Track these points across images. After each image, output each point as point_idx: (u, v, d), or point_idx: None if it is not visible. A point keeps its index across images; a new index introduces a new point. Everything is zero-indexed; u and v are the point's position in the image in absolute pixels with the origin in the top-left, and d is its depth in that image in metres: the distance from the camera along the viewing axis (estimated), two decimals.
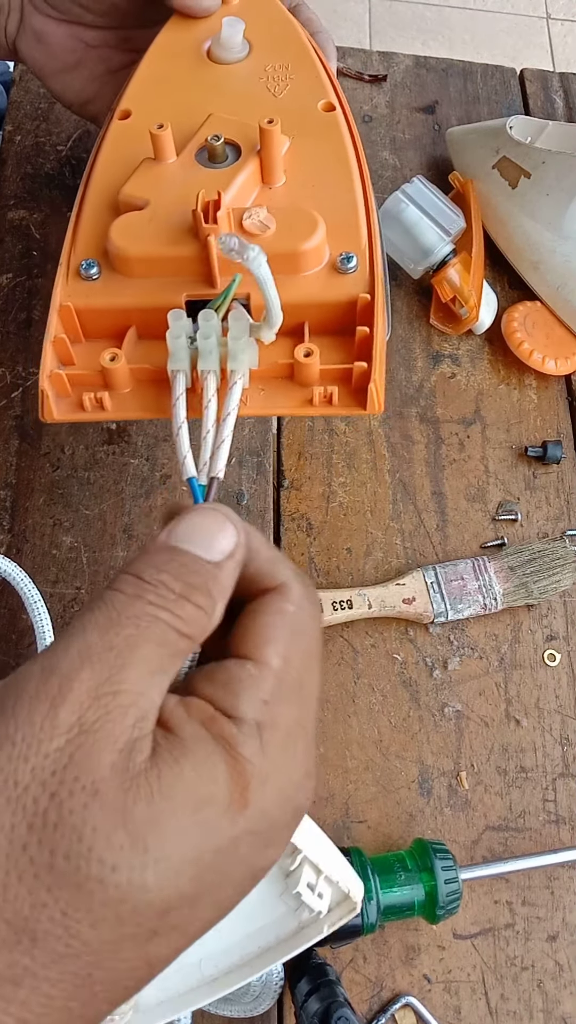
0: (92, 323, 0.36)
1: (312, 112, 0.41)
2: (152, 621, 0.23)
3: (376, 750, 0.47)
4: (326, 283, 0.35)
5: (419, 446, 0.55)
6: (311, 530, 0.52)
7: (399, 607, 0.49)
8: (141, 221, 0.36)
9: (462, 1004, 0.43)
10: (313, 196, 0.38)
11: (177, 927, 0.22)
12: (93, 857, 0.20)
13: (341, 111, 0.41)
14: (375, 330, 0.34)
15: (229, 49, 0.42)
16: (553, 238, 0.55)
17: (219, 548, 0.26)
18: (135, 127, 0.40)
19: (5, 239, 0.57)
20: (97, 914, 0.20)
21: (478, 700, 0.49)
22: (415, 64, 0.68)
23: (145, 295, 0.35)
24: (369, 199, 0.38)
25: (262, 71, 0.42)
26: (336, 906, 0.35)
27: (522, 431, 0.56)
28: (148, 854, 0.21)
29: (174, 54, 0.43)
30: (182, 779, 0.22)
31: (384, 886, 0.41)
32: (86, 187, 0.39)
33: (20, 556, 0.49)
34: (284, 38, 0.43)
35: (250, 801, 0.23)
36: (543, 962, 0.44)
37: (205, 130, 0.38)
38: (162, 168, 0.37)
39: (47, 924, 0.20)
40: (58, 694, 0.21)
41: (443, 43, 1.81)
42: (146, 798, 0.21)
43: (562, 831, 0.47)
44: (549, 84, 0.69)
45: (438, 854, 0.42)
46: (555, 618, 0.51)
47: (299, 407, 0.34)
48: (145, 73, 0.42)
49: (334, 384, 0.35)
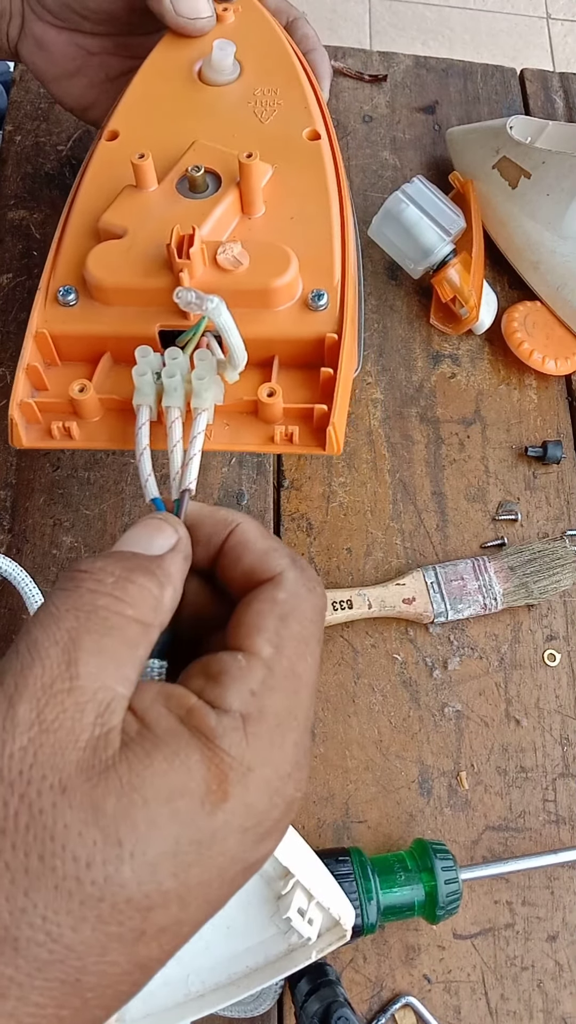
0: (68, 348, 0.37)
1: (297, 140, 0.41)
2: (92, 610, 0.23)
3: (376, 750, 0.47)
4: (296, 319, 0.36)
5: (419, 446, 0.55)
6: (311, 530, 0.52)
7: (399, 607, 0.49)
8: (118, 251, 0.36)
9: (462, 1004, 0.43)
10: (291, 229, 0.38)
11: (166, 928, 0.22)
12: (67, 855, 0.20)
13: (327, 139, 0.41)
14: (339, 371, 0.35)
15: (219, 71, 0.42)
16: (553, 238, 0.55)
17: (158, 544, 0.26)
18: (122, 149, 0.40)
19: (5, 239, 0.57)
20: (77, 915, 0.20)
21: (478, 700, 0.49)
22: (415, 64, 0.68)
23: (120, 323, 0.36)
24: (347, 233, 0.39)
25: (251, 95, 0.42)
26: (326, 932, 0.35)
27: (522, 431, 0.56)
28: (123, 847, 0.20)
29: (165, 73, 0.43)
30: (152, 770, 0.21)
31: (384, 886, 0.41)
32: (69, 210, 0.39)
33: (20, 556, 0.49)
34: (275, 61, 0.43)
35: (230, 794, 0.22)
36: (543, 962, 0.44)
37: (188, 158, 0.38)
38: (143, 197, 0.37)
39: (28, 930, 0.19)
40: (15, 692, 0.21)
41: (443, 43, 1.81)
42: (116, 792, 0.21)
43: (562, 831, 0.47)
44: (549, 84, 0.69)
45: (438, 854, 0.42)
46: (555, 618, 0.51)
47: (261, 444, 0.35)
48: (135, 93, 0.42)
49: (295, 423, 0.35)
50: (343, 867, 0.41)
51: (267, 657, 0.24)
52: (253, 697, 0.24)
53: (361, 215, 0.61)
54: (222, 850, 0.22)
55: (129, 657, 0.23)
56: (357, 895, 0.40)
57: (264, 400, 0.34)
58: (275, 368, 0.36)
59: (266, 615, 0.25)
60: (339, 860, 0.41)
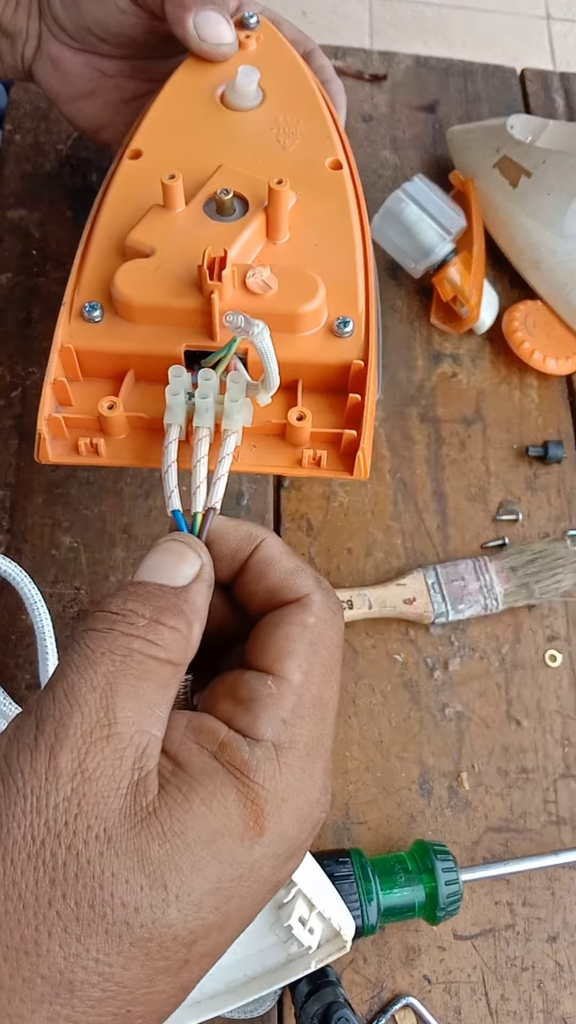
0: (92, 364, 0.37)
1: (319, 169, 0.41)
2: (127, 654, 0.23)
3: (376, 751, 0.47)
4: (322, 345, 0.36)
5: (420, 446, 0.55)
6: (311, 530, 0.52)
7: (400, 607, 0.49)
8: (146, 269, 0.36)
9: (462, 1005, 0.43)
10: (315, 256, 0.38)
11: (207, 953, 0.22)
12: (116, 902, 0.20)
13: (348, 169, 0.42)
14: (366, 398, 0.35)
15: (243, 97, 0.43)
16: (554, 237, 0.55)
17: (183, 574, 0.26)
18: (145, 168, 0.40)
19: (5, 239, 0.57)
20: (128, 955, 0.21)
21: (479, 701, 0.49)
22: (415, 64, 0.68)
23: (146, 342, 0.36)
24: (368, 261, 0.39)
25: (273, 122, 0.43)
26: (326, 942, 0.35)
27: (523, 431, 0.56)
28: (168, 891, 0.21)
29: (188, 96, 0.43)
30: (192, 814, 0.22)
31: (385, 887, 0.41)
32: (93, 226, 0.39)
33: (20, 556, 0.49)
34: (297, 90, 0.44)
35: (266, 828, 0.23)
36: (543, 963, 0.44)
37: (215, 181, 0.39)
38: (170, 217, 0.37)
39: (82, 973, 0.20)
40: (55, 742, 0.22)
41: (443, 43, 1.81)
42: (159, 838, 0.21)
43: (563, 832, 0.47)
44: (549, 84, 0.69)
45: (439, 855, 0.42)
46: (556, 619, 0.51)
47: (289, 467, 0.35)
48: (158, 113, 0.43)
49: (323, 447, 0.35)
50: (343, 868, 0.40)
51: (297, 684, 0.25)
52: (285, 726, 0.24)
53: None
54: (257, 878, 0.23)
55: (163, 698, 0.24)
56: (357, 896, 0.40)
57: (294, 423, 0.34)
58: (299, 393, 0.36)
59: (296, 640, 0.26)
60: (339, 861, 0.41)
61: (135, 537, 0.50)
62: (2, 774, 0.21)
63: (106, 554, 0.49)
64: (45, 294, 0.56)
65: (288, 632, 0.26)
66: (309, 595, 0.27)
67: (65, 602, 0.48)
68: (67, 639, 0.47)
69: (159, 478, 0.51)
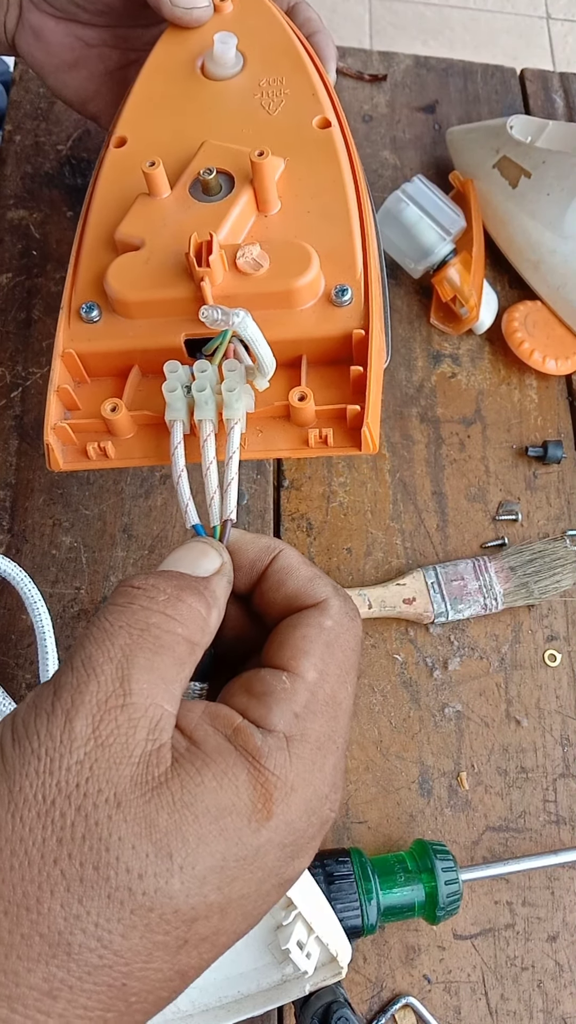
0: (95, 364, 0.36)
1: (307, 130, 0.40)
2: (145, 628, 0.24)
3: (376, 750, 0.47)
4: (321, 317, 0.35)
5: (419, 446, 0.55)
6: (311, 530, 0.52)
7: (399, 607, 0.49)
8: (138, 263, 0.35)
9: (462, 1004, 0.43)
10: (309, 224, 0.37)
11: (207, 938, 0.22)
12: (121, 866, 0.21)
13: (338, 126, 0.40)
14: (369, 368, 0.34)
15: (222, 65, 0.41)
16: (553, 238, 0.55)
17: (204, 567, 0.27)
18: (131, 156, 0.39)
19: (5, 239, 0.57)
20: (128, 923, 0.21)
21: (478, 700, 0.49)
22: (415, 64, 0.68)
23: (145, 336, 0.35)
24: (366, 223, 0.37)
25: (256, 87, 0.41)
26: (322, 967, 0.35)
27: (523, 431, 0.56)
28: (173, 861, 0.21)
29: (168, 71, 0.42)
30: (203, 788, 0.22)
31: (384, 887, 0.41)
32: (85, 223, 0.39)
33: (20, 556, 0.49)
34: (279, 50, 0.42)
35: (274, 812, 0.23)
36: (543, 962, 0.44)
37: (198, 161, 0.38)
38: (156, 204, 0.37)
39: (81, 936, 0.20)
40: (71, 707, 0.22)
41: (443, 43, 1.81)
42: (168, 807, 0.21)
43: (562, 831, 0.47)
44: (549, 84, 0.69)
45: (438, 855, 0.42)
46: (555, 618, 0.51)
47: (296, 448, 0.35)
48: (140, 95, 0.42)
49: (329, 425, 0.35)
50: (343, 868, 0.40)
51: (312, 681, 0.25)
52: (297, 719, 0.24)
53: None
54: (262, 865, 0.23)
55: (177, 675, 0.24)
56: (357, 895, 0.40)
57: (296, 405, 0.34)
58: (303, 368, 0.36)
59: (313, 640, 0.26)
60: (339, 860, 0.41)
61: (135, 537, 0.50)
62: (18, 736, 0.22)
63: (106, 554, 0.49)
64: (45, 294, 0.56)
65: (305, 633, 0.26)
66: (327, 600, 0.27)
67: (65, 602, 0.48)
68: (68, 639, 0.47)
69: (160, 478, 0.51)
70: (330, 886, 0.40)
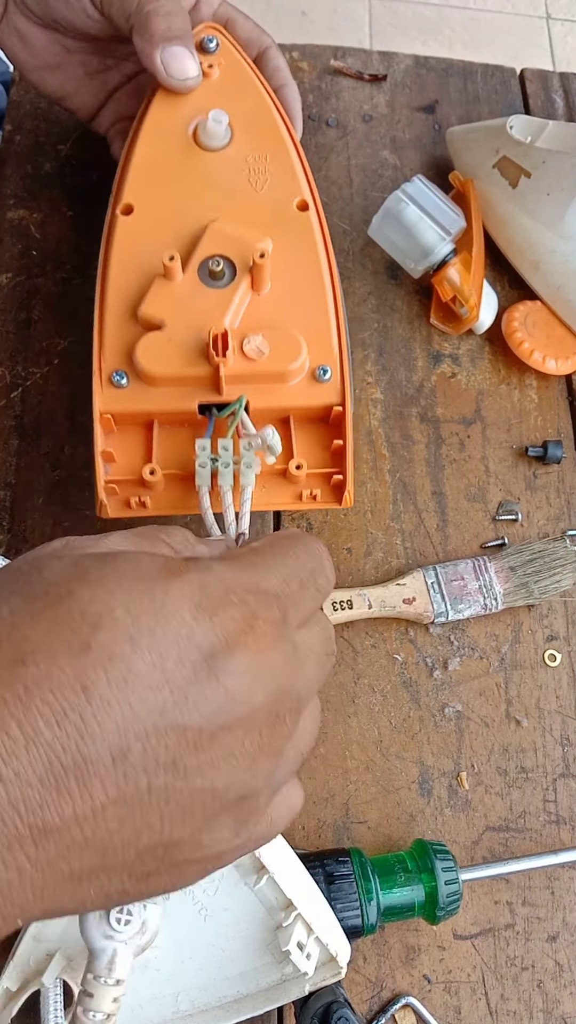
0: (123, 420, 0.44)
1: (289, 210, 0.46)
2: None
3: (376, 750, 0.47)
4: (307, 390, 0.43)
5: (419, 446, 0.55)
6: (311, 530, 0.52)
7: (399, 607, 0.49)
8: (161, 342, 0.42)
9: (462, 1004, 0.43)
10: (293, 306, 0.44)
11: (113, 656, 0.22)
12: (43, 576, 0.24)
13: (314, 208, 0.46)
14: (347, 441, 0.43)
15: (214, 138, 0.47)
16: (553, 238, 0.55)
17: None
18: (139, 224, 0.45)
19: (5, 239, 0.57)
20: (31, 608, 0.22)
21: (478, 700, 0.49)
22: (415, 64, 0.68)
23: (166, 401, 0.43)
24: (339, 304, 0.45)
25: (243, 162, 0.47)
26: (321, 966, 0.35)
27: (523, 431, 0.56)
28: (84, 572, 0.23)
29: (164, 137, 0.47)
30: (128, 542, 0.27)
31: (384, 887, 0.41)
32: (104, 289, 0.44)
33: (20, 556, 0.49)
34: (263, 126, 0.48)
35: (189, 569, 0.24)
36: (543, 962, 0.44)
37: (204, 246, 0.44)
38: (172, 288, 0.43)
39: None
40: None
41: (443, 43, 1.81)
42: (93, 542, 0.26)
43: (562, 831, 0.47)
44: (549, 84, 0.69)
45: (438, 855, 0.42)
46: (555, 618, 0.51)
47: (292, 503, 0.44)
48: (140, 161, 0.46)
49: (318, 486, 0.44)
50: (343, 868, 0.40)
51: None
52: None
53: (361, 215, 0.61)
54: (170, 615, 0.23)
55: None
56: (357, 896, 0.40)
57: (293, 472, 0.43)
58: (292, 426, 0.45)
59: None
60: (339, 860, 0.41)
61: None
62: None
63: None
64: (45, 294, 0.56)
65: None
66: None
67: None
68: None
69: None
70: (330, 886, 0.40)
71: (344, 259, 0.59)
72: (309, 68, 0.66)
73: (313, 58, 0.66)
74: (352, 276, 0.59)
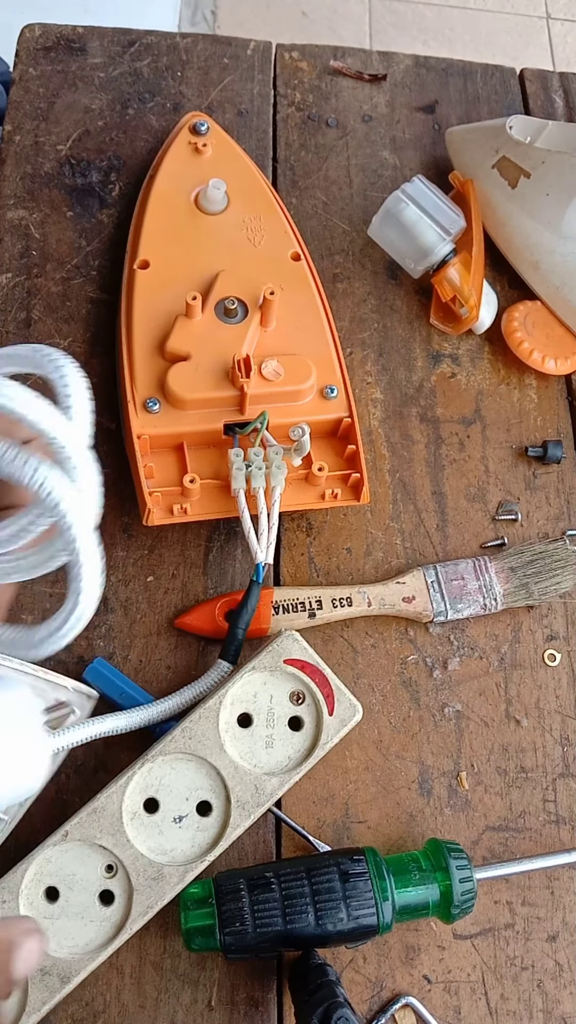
0: (156, 443, 0.49)
1: (284, 261, 0.53)
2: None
3: (376, 750, 0.47)
4: (317, 407, 0.50)
5: (419, 446, 0.55)
6: (311, 530, 0.52)
7: (399, 606, 0.49)
8: (189, 371, 0.48)
9: (462, 1004, 0.43)
10: (298, 338, 0.51)
11: None
12: None
13: (304, 259, 0.54)
14: (359, 445, 0.49)
15: (214, 203, 0.54)
16: (553, 238, 0.55)
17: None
18: (156, 278, 0.52)
19: (5, 239, 0.57)
20: None
21: (478, 700, 0.49)
22: (415, 64, 0.68)
23: (195, 423, 0.48)
24: (335, 334, 0.52)
25: (241, 223, 0.54)
26: None
27: (522, 431, 0.56)
28: None
29: (170, 203, 0.54)
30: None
31: (399, 886, 0.41)
32: (129, 331, 0.50)
33: None
34: (253, 192, 0.55)
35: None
36: (543, 962, 0.44)
37: (219, 288, 0.51)
38: (194, 325, 0.50)
39: None
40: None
41: (443, 43, 1.81)
42: None
43: (562, 831, 0.47)
44: (549, 84, 0.69)
45: (452, 854, 0.42)
46: (555, 618, 0.51)
47: (316, 502, 0.49)
48: (152, 224, 0.54)
49: (337, 485, 0.49)
50: (358, 866, 0.40)
51: None
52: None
53: (361, 215, 0.61)
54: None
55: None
56: (373, 895, 0.40)
57: (316, 474, 0.48)
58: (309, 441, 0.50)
59: None
60: (354, 859, 0.41)
61: (135, 537, 0.50)
62: None
63: (106, 554, 0.49)
64: (45, 294, 0.56)
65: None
66: None
67: None
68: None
69: None
70: (345, 884, 0.40)
71: (344, 259, 0.59)
72: (309, 68, 0.66)
73: (313, 58, 0.66)
74: (352, 276, 0.59)
